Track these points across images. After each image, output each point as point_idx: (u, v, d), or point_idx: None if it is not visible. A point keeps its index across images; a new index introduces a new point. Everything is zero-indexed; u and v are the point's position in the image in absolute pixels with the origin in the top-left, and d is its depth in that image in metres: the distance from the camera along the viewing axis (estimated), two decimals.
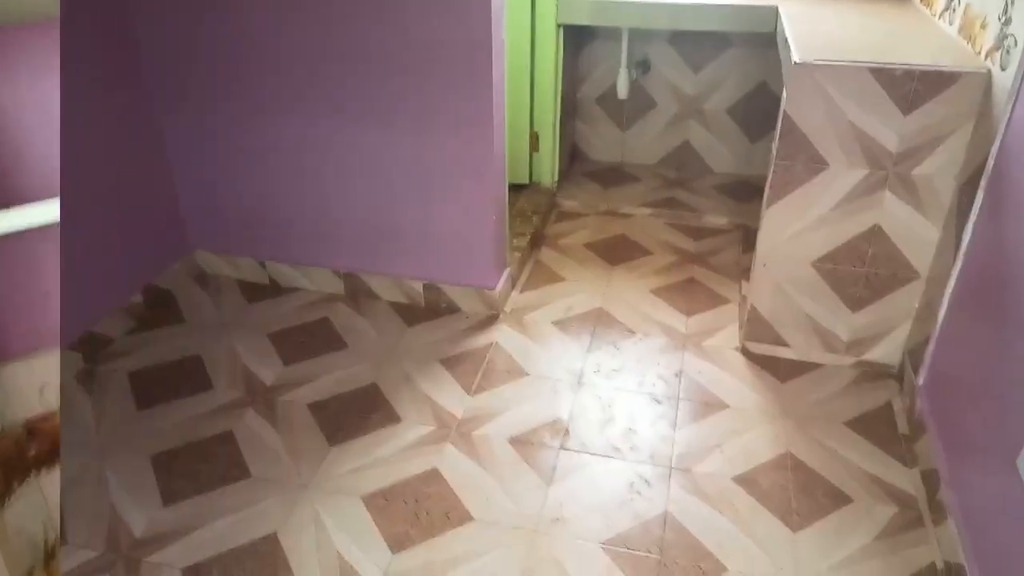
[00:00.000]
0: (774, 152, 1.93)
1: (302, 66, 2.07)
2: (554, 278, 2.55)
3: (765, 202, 1.98)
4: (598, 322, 2.31)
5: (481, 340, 2.22)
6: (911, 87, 1.74)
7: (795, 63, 1.79)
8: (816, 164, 1.87)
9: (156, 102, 2.23)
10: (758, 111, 3.09)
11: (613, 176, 3.24)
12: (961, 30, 1.96)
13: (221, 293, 2.43)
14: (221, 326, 2.27)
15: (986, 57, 1.74)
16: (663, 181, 3.20)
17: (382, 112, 2.09)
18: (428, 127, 2.09)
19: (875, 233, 1.92)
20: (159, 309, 2.33)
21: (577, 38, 3.09)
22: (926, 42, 2.00)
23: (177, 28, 2.10)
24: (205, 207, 2.39)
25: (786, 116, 1.85)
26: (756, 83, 3.05)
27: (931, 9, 2.31)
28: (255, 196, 2.33)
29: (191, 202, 2.40)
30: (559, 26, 2.77)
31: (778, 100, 3.09)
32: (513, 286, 2.47)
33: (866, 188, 1.87)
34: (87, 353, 2.09)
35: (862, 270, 1.97)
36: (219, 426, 1.88)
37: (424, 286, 2.34)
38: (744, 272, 2.54)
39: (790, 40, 1.95)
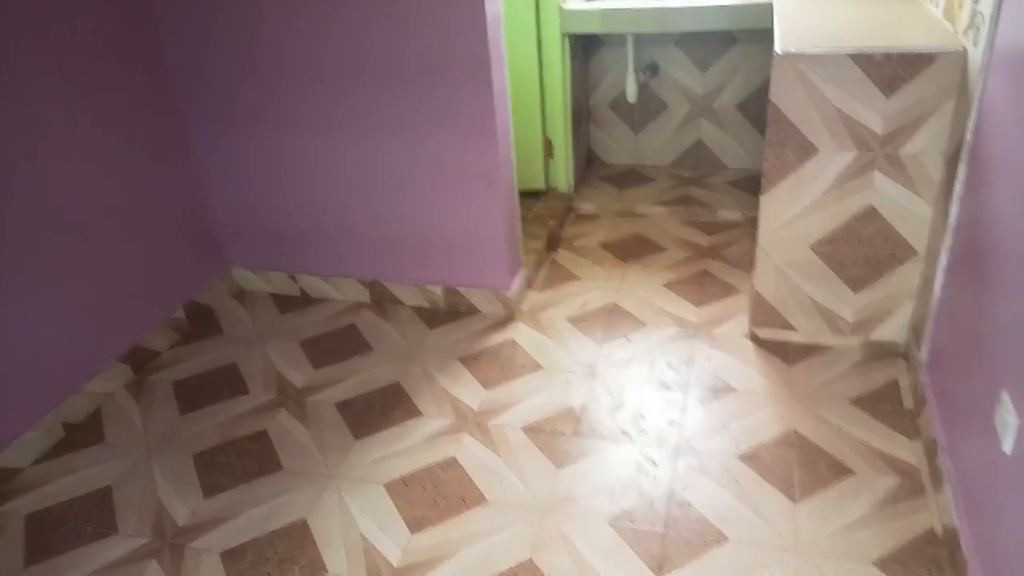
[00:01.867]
0: (767, 140, 2.00)
1: (326, 84, 2.23)
2: (569, 277, 2.64)
3: (761, 190, 2.05)
4: (611, 317, 2.40)
5: (498, 338, 2.33)
6: (891, 70, 1.80)
7: (778, 54, 1.87)
8: (805, 150, 1.94)
9: (188, 125, 2.42)
10: (767, 105, 3.14)
11: (629, 178, 3.33)
12: (945, 12, 2.00)
13: (256, 306, 2.59)
14: (256, 336, 2.43)
15: (963, 35, 1.79)
16: (678, 180, 3.27)
17: (398, 124, 2.23)
18: (436, 137, 2.22)
19: (870, 214, 1.97)
20: (200, 323, 2.51)
21: (586, 45, 3.21)
22: (912, 27, 2.05)
23: (206, 49, 2.28)
24: (239, 226, 2.57)
25: (773, 106, 1.92)
26: (764, 78, 3.11)
27: None
28: (285, 212, 2.49)
29: (226, 221, 2.58)
30: (564, 35, 2.89)
31: None
32: (530, 286, 2.58)
33: (856, 170, 1.93)
34: (136, 365, 2.27)
35: (860, 251, 2.02)
36: (254, 426, 2.03)
37: (444, 290, 2.47)
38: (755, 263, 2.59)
39: (776, 32, 2.03)
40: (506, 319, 2.42)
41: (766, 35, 3.00)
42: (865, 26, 2.10)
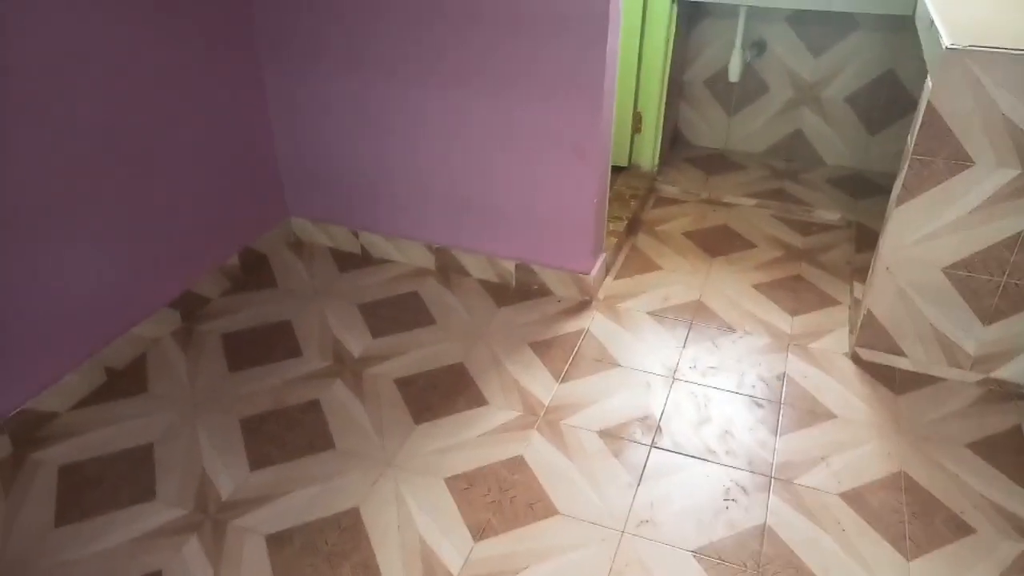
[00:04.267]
0: (910, 146, 1.76)
1: (408, 26, 2.02)
2: (650, 266, 2.44)
3: (895, 200, 1.82)
4: (696, 315, 2.20)
5: (572, 326, 2.14)
6: None
7: (946, 48, 1.62)
8: (959, 161, 1.70)
9: (261, 61, 2.22)
10: (882, 101, 2.87)
11: (717, 163, 3.09)
12: None
13: (314, 261, 2.43)
14: (313, 293, 2.27)
15: None
16: (770, 171, 3.02)
17: (487, 79, 2.02)
18: (536, 99, 2.01)
19: (1020, 241, 1.73)
20: (254, 272, 2.35)
21: (690, 15, 2.94)
22: None
23: None
24: (302, 173, 2.39)
25: (930, 107, 1.68)
26: (882, 70, 2.83)
27: None
28: (354, 162, 2.31)
29: (289, 167, 2.40)
30: (673, 1, 2.63)
31: (906, 90, 2.90)
32: (608, 272, 2.38)
33: (1014, 191, 1.69)
34: (185, 311, 2.12)
35: (1000, 279, 1.79)
36: (307, 394, 1.87)
37: (516, 266, 2.28)
38: (856, 273, 2.37)
39: (938, 23, 1.77)
40: (582, 305, 2.23)
41: (897, 23, 2.72)
42: None
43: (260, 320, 2.14)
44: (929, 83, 1.70)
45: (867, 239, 2.56)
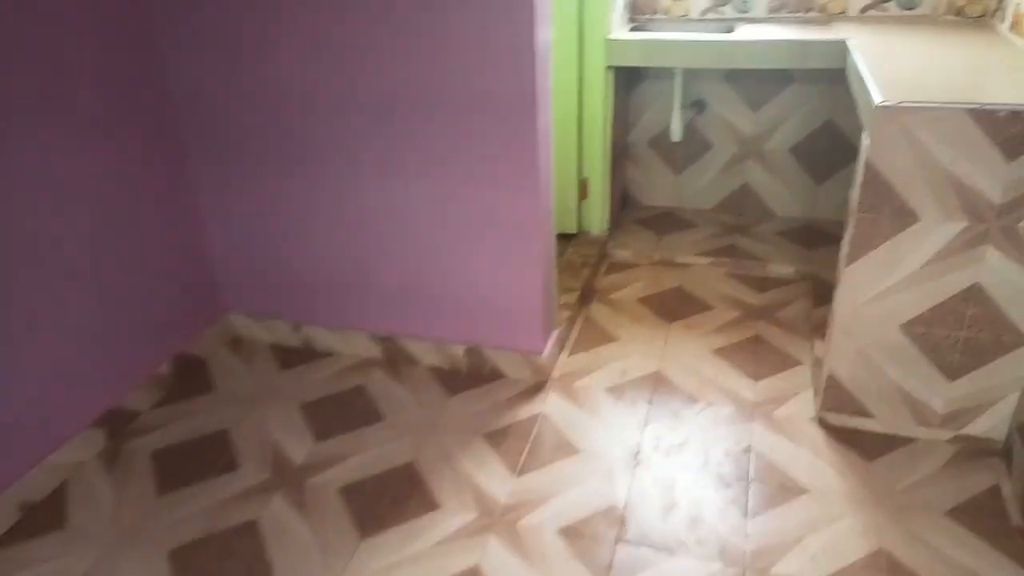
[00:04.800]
0: (854, 203, 1.72)
1: (339, 117, 1.95)
2: (606, 338, 2.35)
3: (844, 259, 1.77)
4: (655, 388, 2.11)
5: (527, 410, 2.04)
6: (1017, 131, 1.52)
7: (878, 105, 1.58)
8: (904, 217, 1.65)
9: (189, 156, 2.14)
10: (824, 150, 2.87)
11: (667, 222, 3.05)
12: None
13: (254, 359, 2.30)
14: (252, 396, 2.14)
15: None
16: (722, 227, 2.99)
17: (421, 164, 1.96)
18: (469, 180, 1.94)
19: (975, 293, 1.68)
20: (189, 378, 2.22)
21: (627, 78, 2.94)
22: None
23: (211, 80, 2.01)
24: (239, 268, 2.29)
25: (869, 165, 1.64)
26: (821, 121, 2.84)
27: (1023, 36, 2.08)
28: (291, 255, 2.21)
29: (225, 263, 2.29)
30: (608, 68, 2.62)
31: (846, 138, 2.90)
32: (562, 348, 2.29)
33: (964, 243, 1.64)
34: (111, 429, 1.97)
35: (960, 334, 1.73)
36: (243, 515, 1.73)
37: (466, 350, 2.18)
38: (815, 329, 2.31)
39: (868, 79, 1.75)
40: (536, 387, 2.13)
41: (830, 74, 2.74)
42: (967, 74, 1.82)
43: (194, 432, 2.00)
44: (866, 140, 1.66)
45: (823, 292, 2.52)
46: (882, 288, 1.74)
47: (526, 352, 2.13)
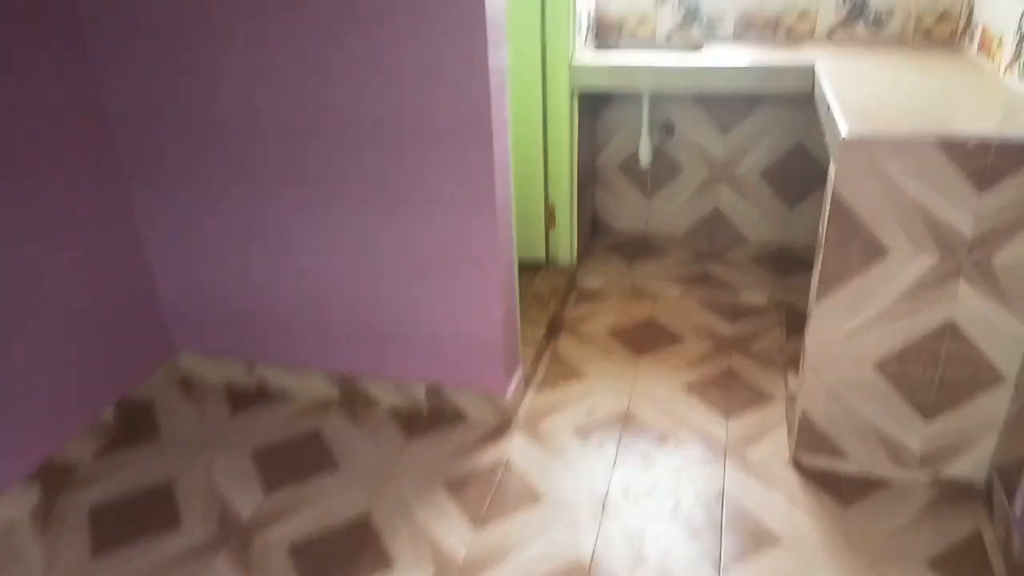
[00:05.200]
0: (822, 237, 1.65)
1: (288, 145, 1.86)
2: (574, 373, 2.27)
3: (814, 295, 1.70)
4: (625, 427, 2.02)
5: (491, 455, 1.94)
6: (986, 161, 1.46)
7: (845, 139, 1.52)
8: (874, 251, 1.59)
9: (130, 188, 2.04)
10: (795, 174, 2.82)
11: (638, 248, 2.98)
12: None
13: (204, 402, 2.19)
14: (201, 442, 2.03)
15: None
16: (693, 253, 2.92)
17: (377, 197, 1.87)
18: (427, 213, 1.86)
19: (949, 330, 1.61)
20: (133, 424, 2.10)
21: (594, 102, 2.87)
22: (996, 104, 1.72)
23: (154, 106, 1.91)
24: (189, 305, 2.18)
25: (836, 197, 1.57)
26: (791, 143, 2.79)
27: (993, 60, 2.03)
28: (243, 287, 2.11)
29: (173, 300, 2.18)
30: (574, 92, 2.55)
31: (817, 161, 2.86)
32: (527, 385, 2.20)
33: (936, 279, 1.57)
34: (46, 484, 1.85)
35: (935, 372, 1.66)
36: None
37: (427, 390, 2.08)
38: (789, 361, 2.24)
39: (835, 108, 1.69)
40: (500, 428, 2.04)
41: (799, 97, 2.69)
42: (936, 100, 1.77)
43: (136, 484, 1.89)
44: (832, 171, 1.60)
45: (796, 321, 2.45)
46: (854, 325, 1.67)
47: (489, 392, 2.04)
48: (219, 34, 1.77)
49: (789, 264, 2.79)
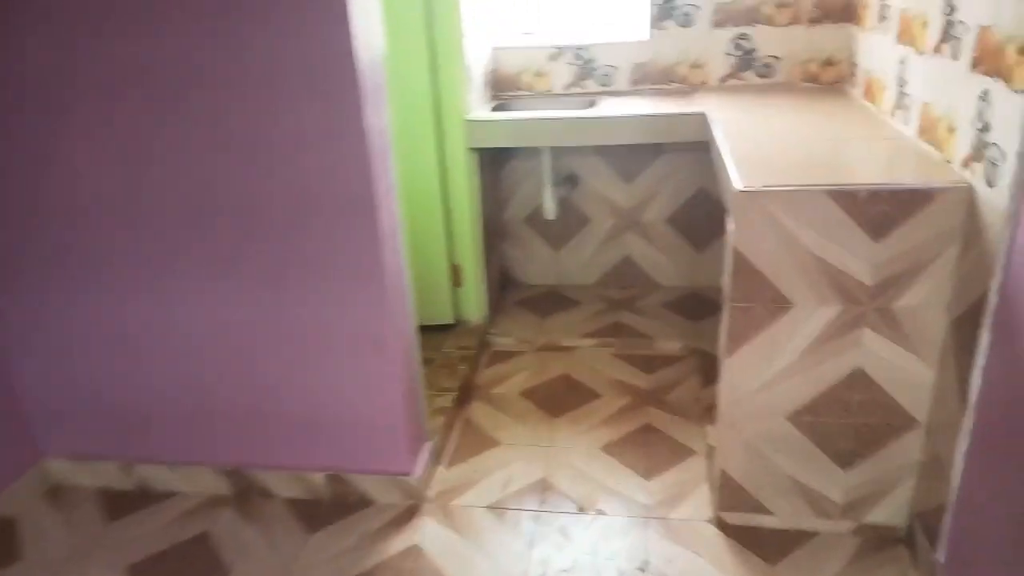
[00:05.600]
0: (727, 291, 1.60)
1: (154, 226, 1.71)
2: (487, 442, 2.14)
3: (723, 350, 1.64)
4: (542, 499, 1.91)
5: (400, 543, 1.79)
6: (879, 209, 1.44)
7: (738, 191, 1.48)
8: (778, 305, 1.55)
9: None
10: (700, 218, 2.82)
11: (550, 302, 2.91)
12: (922, 132, 1.69)
13: (75, 511, 1.96)
14: (70, 559, 1.79)
15: (963, 167, 1.45)
16: (606, 303, 2.87)
17: (259, 277, 1.73)
18: (312, 291, 1.73)
19: (858, 378, 1.58)
20: None
21: (496, 156, 2.81)
22: (884, 149, 1.73)
23: (9, 185, 1.72)
24: (57, 402, 1.96)
25: (736, 252, 1.53)
26: (695, 189, 2.79)
27: (876, 105, 2.07)
28: (116, 382, 1.91)
29: (39, 400, 1.96)
30: (471, 149, 2.48)
31: (719, 206, 2.87)
32: (438, 461, 2.06)
33: (841, 327, 1.54)
34: None
35: (849, 421, 1.63)
36: None
37: (327, 477, 1.92)
38: (706, 412, 2.18)
39: (728, 161, 1.66)
40: (409, 512, 1.89)
41: (697, 144, 2.69)
42: (826, 147, 1.77)
43: None
44: (731, 225, 1.56)
45: (711, 368, 2.40)
46: (764, 379, 1.62)
47: (395, 473, 1.89)
48: (68, 109, 1.61)
49: (701, 308, 2.77)
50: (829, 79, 2.53)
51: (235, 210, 1.67)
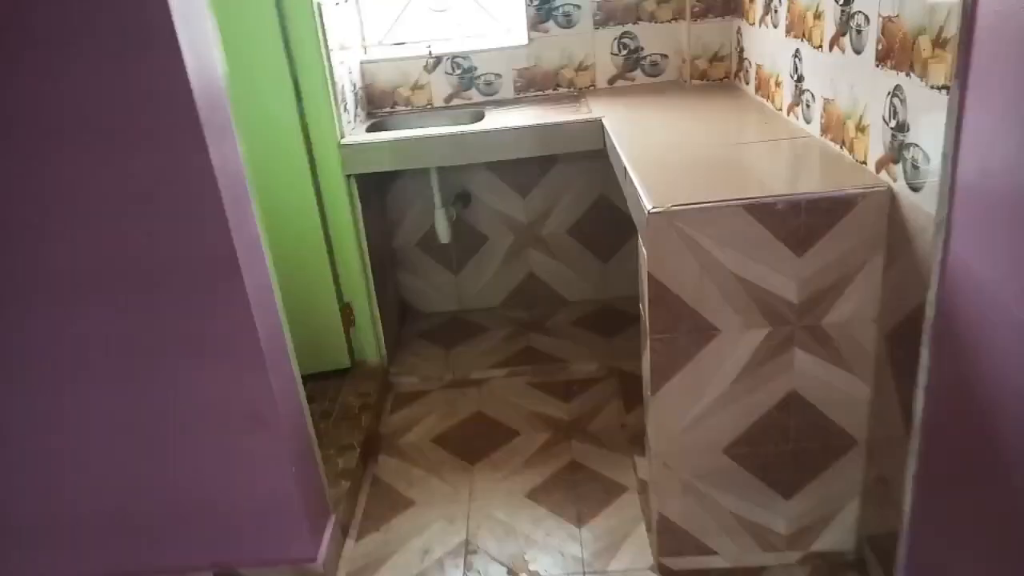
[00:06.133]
0: (646, 324, 1.45)
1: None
2: (400, 503, 1.92)
3: (647, 386, 1.49)
4: (468, 566, 1.71)
5: None
6: (799, 221, 1.32)
7: (650, 212, 1.33)
8: (703, 332, 1.41)
9: None
10: (603, 227, 2.69)
11: (454, 330, 2.70)
12: (826, 131, 1.60)
13: None
14: None
15: (878, 170, 1.35)
16: (513, 326, 2.69)
17: (118, 358, 1.44)
18: (177, 367, 1.46)
19: (793, 401, 1.46)
20: None
21: (379, 179, 2.58)
22: (790, 152, 1.63)
23: None
24: None
25: (652, 279, 1.38)
26: (594, 197, 2.66)
27: (773, 101, 1.98)
28: None
29: None
30: (348, 176, 2.24)
31: (622, 212, 2.74)
32: (345, 535, 1.82)
33: (770, 350, 1.42)
34: None
35: (787, 447, 1.51)
36: None
37: None
38: (633, 440, 2.04)
39: (634, 178, 1.51)
40: None
41: (592, 152, 2.55)
42: (732, 152, 1.66)
43: None
44: (643, 250, 1.41)
45: (631, 388, 2.27)
46: (695, 413, 1.48)
47: (297, 561, 1.64)
48: None
49: (613, 323, 2.64)
50: (718, 75, 2.45)
51: (66, 281, 1.38)
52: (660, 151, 1.72)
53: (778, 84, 1.92)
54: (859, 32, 1.41)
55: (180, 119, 1.27)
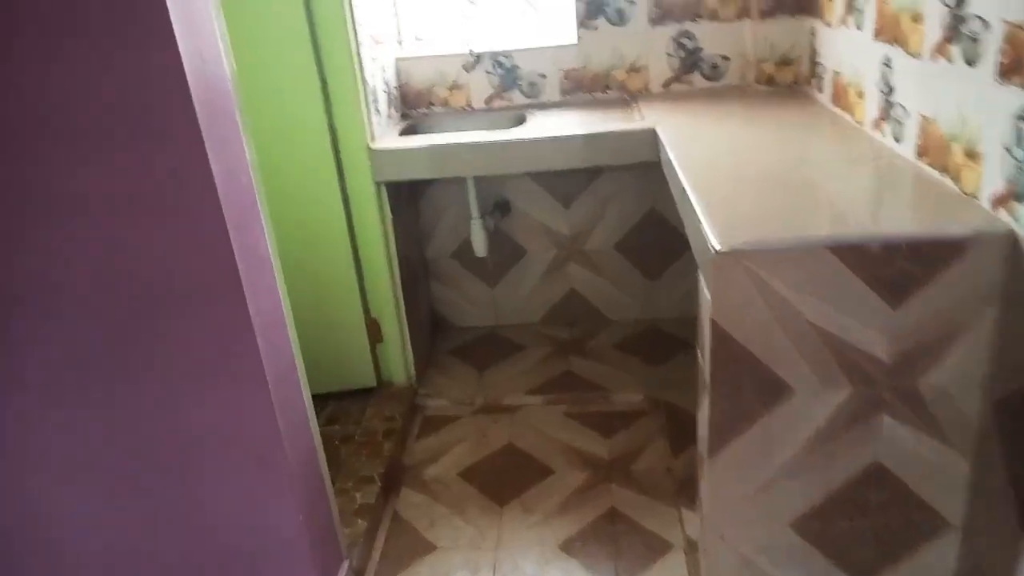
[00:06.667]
0: (705, 375, 1.25)
1: None
2: (421, 547, 1.76)
3: (705, 445, 1.29)
4: None
5: None
6: (897, 267, 1.11)
7: (717, 252, 1.13)
8: (773, 390, 1.20)
9: None
10: (652, 243, 2.48)
11: (489, 348, 2.53)
12: (923, 154, 1.37)
13: None
14: None
15: (995, 207, 1.13)
16: (553, 346, 2.50)
17: (96, 378, 1.30)
18: (169, 396, 1.31)
19: (876, 474, 1.25)
20: None
21: (411, 185, 2.41)
22: (879, 178, 1.40)
23: None
24: None
25: (716, 327, 1.17)
26: (644, 210, 2.44)
27: (853, 115, 1.75)
28: None
29: None
30: (379, 184, 2.08)
31: (673, 227, 2.52)
32: None
33: (853, 414, 1.21)
34: None
35: (866, 523, 1.29)
36: None
37: None
38: (681, 489, 1.84)
39: (695, 203, 1.31)
40: None
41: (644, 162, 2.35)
42: (813, 176, 1.44)
43: None
44: (705, 292, 1.20)
45: (681, 425, 2.06)
46: (759, 480, 1.27)
47: None
48: None
49: (660, 347, 2.43)
50: (786, 80, 2.21)
51: (40, 293, 1.23)
52: (723, 169, 1.51)
53: (860, 95, 1.69)
54: (974, 40, 1.18)
55: (174, 121, 1.11)
